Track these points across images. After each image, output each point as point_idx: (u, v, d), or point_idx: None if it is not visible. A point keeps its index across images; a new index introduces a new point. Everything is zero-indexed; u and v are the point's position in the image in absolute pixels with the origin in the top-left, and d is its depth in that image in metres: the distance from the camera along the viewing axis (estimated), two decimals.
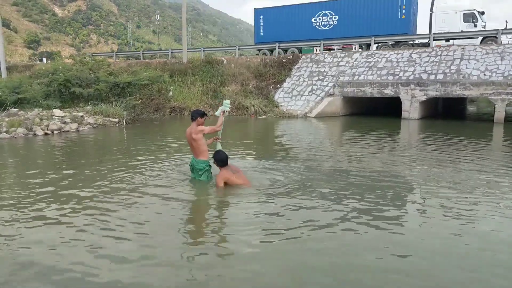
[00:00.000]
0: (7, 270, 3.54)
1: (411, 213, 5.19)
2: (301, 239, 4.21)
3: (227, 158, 6.00)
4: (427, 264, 3.66)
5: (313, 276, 3.45)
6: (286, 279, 3.43)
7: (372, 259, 3.78)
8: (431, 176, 7.00)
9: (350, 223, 4.68)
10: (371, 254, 3.89)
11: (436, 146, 10.57)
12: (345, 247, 4.08)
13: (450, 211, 5.07)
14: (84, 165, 8.01)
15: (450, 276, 3.45)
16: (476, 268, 3.65)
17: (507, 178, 6.87)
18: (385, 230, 4.48)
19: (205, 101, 21.52)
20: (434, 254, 3.86)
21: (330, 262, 3.72)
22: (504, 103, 16.21)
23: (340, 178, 6.83)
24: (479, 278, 3.46)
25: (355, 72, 20.25)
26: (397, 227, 4.62)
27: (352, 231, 4.46)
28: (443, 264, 3.64)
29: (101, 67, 21.86)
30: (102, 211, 5.09)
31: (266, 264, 3.67)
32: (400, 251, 3.95)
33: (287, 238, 4.24)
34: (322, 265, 3.64)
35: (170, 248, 4.05)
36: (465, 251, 3.98)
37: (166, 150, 9.93)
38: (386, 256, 3.84)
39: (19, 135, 12.49)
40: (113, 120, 16.27)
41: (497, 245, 4.11)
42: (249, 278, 3.45)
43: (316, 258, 3.77)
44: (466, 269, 3.62)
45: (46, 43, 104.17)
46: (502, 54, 17.59)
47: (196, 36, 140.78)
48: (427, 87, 17.66)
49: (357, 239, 4.26)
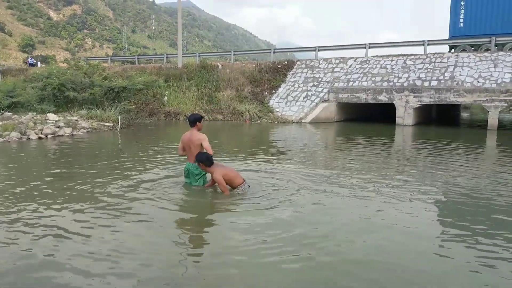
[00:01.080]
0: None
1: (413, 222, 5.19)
2: (297, 250, 4.20)
3: (212, 157, 5.96)
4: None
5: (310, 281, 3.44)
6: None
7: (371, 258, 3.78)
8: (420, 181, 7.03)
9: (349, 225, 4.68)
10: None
11: (429, 151, 10.63)
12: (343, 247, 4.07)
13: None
14: (76, 170, 7.95)
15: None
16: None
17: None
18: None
19: (200, 106, 21.51)
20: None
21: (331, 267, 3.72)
22: (497, 110, 16.35)
23: (332, 184, 6.83)
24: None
25: (349, 78, 20.35)
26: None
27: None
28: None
29: (96, 72, 21.83)
30: (91, 218, 5.00)
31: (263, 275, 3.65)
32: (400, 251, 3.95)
33: (281, 250, 4.23)
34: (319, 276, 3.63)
35: (162, 255, 4.01)
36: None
37: (160, 155, 9.89)
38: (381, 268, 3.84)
39: (12, 139, 12.39)
40: (108, 125, 16.20)
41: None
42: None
43: (314, 271, 3.76)
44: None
45: (40, 47, 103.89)
46: (496, 62, 17.77)
47: (191, 41, 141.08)
48: (421, 94, 17.78)
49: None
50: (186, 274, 3.59)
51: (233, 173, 6.03)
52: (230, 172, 5.98)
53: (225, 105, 21.42)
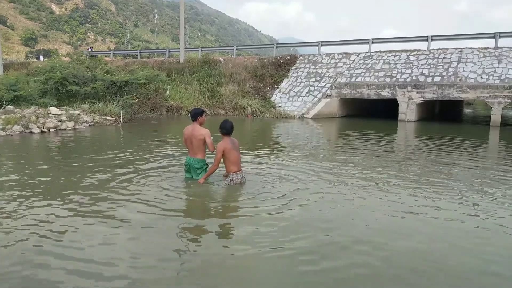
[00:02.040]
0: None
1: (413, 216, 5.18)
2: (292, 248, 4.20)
3: (232, 128, 5.99)
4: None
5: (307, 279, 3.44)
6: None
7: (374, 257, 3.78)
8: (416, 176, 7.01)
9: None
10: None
11: (431, 148, 10.60)
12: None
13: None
14: (77, 164, 7.96)
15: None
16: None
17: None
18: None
19: (202, 101, 21.49)
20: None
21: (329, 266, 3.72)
22: (500, 106, 16.27)
23: (334, 179, 6.82)
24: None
25: (352, 74, 20.29)
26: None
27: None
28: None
29: (98, 66, 21.81)
30: (91, 213, 5.01)
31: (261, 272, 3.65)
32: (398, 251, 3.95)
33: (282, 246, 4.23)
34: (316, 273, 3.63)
35: (161, 248, 4.01)
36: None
37: (162, 149, 9.89)
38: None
39: (15, 133, 12.42)
40: (110, 119, 16.21)
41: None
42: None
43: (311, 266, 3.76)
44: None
45: (43, 40, 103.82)
46: (499, 57, 17.67)
47: (193, 36, 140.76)
48: (424, 89, 17.72)
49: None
50: (182, 274, 3.60)
51: (234, 156, 5.93)
52: (232, 155, 5.90)
53: (227, 100, 21.40)
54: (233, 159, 5.94)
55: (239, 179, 6.05)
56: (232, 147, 5.91)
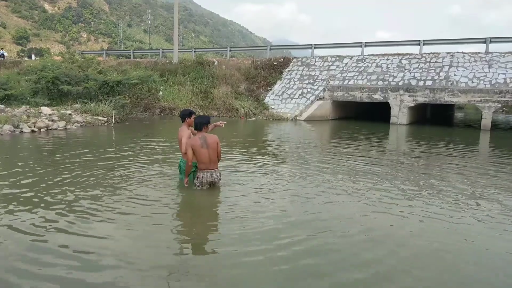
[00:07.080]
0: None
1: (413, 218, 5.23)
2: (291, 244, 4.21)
3: (201, 124, 5.73)
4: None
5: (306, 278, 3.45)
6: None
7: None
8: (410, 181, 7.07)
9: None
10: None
11: (423, 151, 10.68)
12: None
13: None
14: (67, 164, 7.90)
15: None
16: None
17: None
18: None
19: (195, 101, 21.45)
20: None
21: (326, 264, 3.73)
22: (491, 110, 16.45)
23: (326, 181, 6.86)
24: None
25: (345, 77, 20.39)
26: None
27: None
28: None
29: (91, 65, 21.68)
30: (83, 213, 4.98)
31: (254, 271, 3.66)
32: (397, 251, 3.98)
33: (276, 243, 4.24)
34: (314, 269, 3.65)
35: (155, 250, 4.01)
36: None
37: (154, 150, 9.86)
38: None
39: (5, 132, 12.31)
40: (102, 119, 16.12)
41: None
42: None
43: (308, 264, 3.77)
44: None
45: (35, 39, 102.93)
46: (490, 62, 17.88)
47: (187, 37, 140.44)
48: (416, 93, 17.85)
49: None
50: (181, 275, 3.59)
51: (200, 154, 5.66)
52: (198, 153, 5.65)
53: (220, 101, 21.37)
54: (200, 158, 5.70)
55: (205, 178, 5.81)
56: (201, 145, 5.64)
